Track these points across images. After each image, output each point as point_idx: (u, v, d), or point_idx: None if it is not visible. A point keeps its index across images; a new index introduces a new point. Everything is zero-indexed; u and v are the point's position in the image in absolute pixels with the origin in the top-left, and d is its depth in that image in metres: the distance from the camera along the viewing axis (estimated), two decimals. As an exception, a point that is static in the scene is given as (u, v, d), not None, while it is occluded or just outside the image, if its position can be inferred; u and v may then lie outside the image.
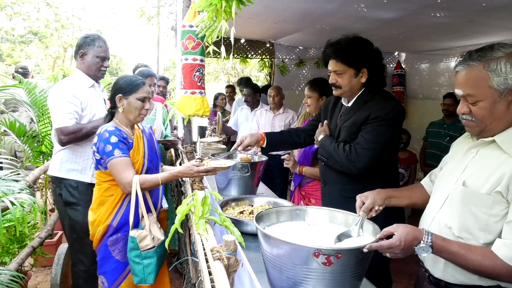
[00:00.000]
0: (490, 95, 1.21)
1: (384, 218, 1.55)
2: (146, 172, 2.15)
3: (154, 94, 3.71)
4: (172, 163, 3.76)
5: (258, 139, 2.39)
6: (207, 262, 1.18)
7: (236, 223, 1.75)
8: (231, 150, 2.46)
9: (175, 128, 4.61)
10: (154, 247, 2.01)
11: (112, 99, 2.14)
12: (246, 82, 5.95)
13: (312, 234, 1.46)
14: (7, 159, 2.95)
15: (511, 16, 3.38)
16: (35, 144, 3.96)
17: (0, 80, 6.59)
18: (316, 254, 1.13)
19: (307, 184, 2.86)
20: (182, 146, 3.45)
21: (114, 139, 2.01)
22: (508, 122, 1.24)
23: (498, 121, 1.24)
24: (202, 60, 3.11)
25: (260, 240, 1.31)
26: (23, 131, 3.87)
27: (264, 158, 2.66)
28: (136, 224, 2.05)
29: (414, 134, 4.65)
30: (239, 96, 5.98)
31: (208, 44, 2.36)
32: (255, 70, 10.42)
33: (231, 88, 6.96)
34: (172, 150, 4.04)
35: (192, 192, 2.08)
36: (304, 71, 6.65)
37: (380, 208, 1.56)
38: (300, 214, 1.58)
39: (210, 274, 1.13)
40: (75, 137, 2.46)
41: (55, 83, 3.43)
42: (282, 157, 2.90)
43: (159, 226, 2.15)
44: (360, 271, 1.24)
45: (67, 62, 17.58)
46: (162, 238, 2.09)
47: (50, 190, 4.24)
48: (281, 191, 4.38)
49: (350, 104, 2.10)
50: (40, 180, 4.00)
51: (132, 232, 1.99)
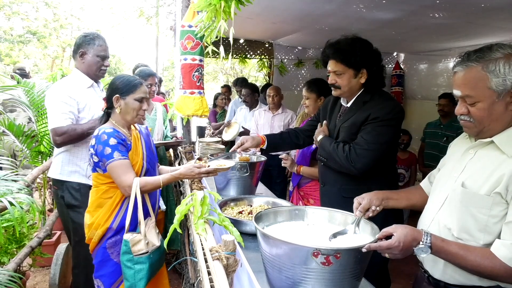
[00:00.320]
0: (488, 96, 1.21)
1: (383, 218, 1.55)
2: (145, 174, 2.11)
3: (155, 94, 3.69)
4: (171, 164, 3.75)
5: (258, 143, 2.39)
6: (206, 262, 1.18)
7: (235, 223, 1.75)
8: (230, 151, 2.46)
9: (175, 128, 4.60)
10: (147, 252, 1.95)
11: (108, 99, 2.09)
12: (242, 82, 5.95)
13: (311, 234, 1.46)
14: (7, 160, 2.93)
15: (510, 17, 3.39)
16: (34, 144, 3.95)
17: (-1, 80, 6.58)
18: (315, 254, 1.13)
19: (306, 184, 2.86)
20: (181, 146, 3.45)
21: (113, 141, 1.95)
22: (506, 123, 1.25)
23: (496, 122, 1.24)
24: (201, 60, 3.11)
25: (259, 240, 1.31)
26: (21, 132, 3.86)
27: (263, 158, 2.66)
28: (135, 228, 2.01)
29: (413, 135, 4.65)
30: (236, 97, 5.97)
31: (207, 44, 2.36)
32: (254, 70, 10.43)
33: (226, 88, 6.96)
34: (171, 150, 4.04)
35: (191, 192, 2.08)
36: (303, 71, 6.65)
37: (377, 208, 1.56)
38: (299, 214, 1.58)
39: (209, 274, 1.13)
40: (70, 138, 2.40)
41: (54, 83, 3.41)
42: (280, 156, 2.91)
43: (157, 231, 2.09)
44: (359, 271, 1.24)
45: (65, 62, 17.57)
46: (158, 244, 2.02)
47: (50, 192, 4.24)
48: (280, 191, 4.38)
49: (349, 105, 2.10)
50: (38, 180, 4.00)
51: (126, 235, 1.94)
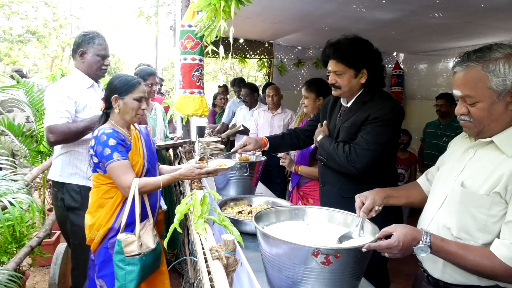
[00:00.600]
0: (488, 96, 1.21)
1: (383, 218, 1.55)
2: (146, 173, 2.11)
3: (155, 94, 3.68)
4: (170, 163, 3.75)
5: (261, 145, 2.40)
6: (206, 261, 1.18)
7: (235, 222, 1.75)
8: (232, 151, 2.46)
9: (175, 129, 4.58)
10: (139, 254, 1.92)
11: (107, 99, 2.08)
12: (240, 82, 5.94)
13: (311, 234, 1.47)
14: (7, 160, 2.93)
15: (509, 17, 3.39)
16: (33, 144, 3.95)
17: (-2, 79, 6.58)
18: (315, 253, 1.13)
19: (305, 184, 2.86)
20: (186, 145, 3.42)
21: (112, 141, 1.95)
22: (506, 123, 1.25)
23: (496, 122, 1.24)
24: (201, 60, 3.11)
25: (259, 240, 1.31)
26: (21, 131, 3.86)
27: (263, 158, 2.66)
28: (132, 229, 1.99)
29: (412, 135, 4.65)
30: (234, 97, 5.97)
31: (207, 44, 2.36)
32: (254, 70, 10.43)
33: (223, 88, 6.96)
34: (170, 150, 4.03)
35: (191, 191, 2.08)
36: (302, 71, 6.65)
37: (380, 208, 1.56)
38: (299, 214, 1.58)
39: (209, 273, 1.12)
40: (64, 136, 2.35)
41: (53, 83, 3.40)
42: (279, 155, 2.91)
43: (155, 233, 2.07)
44: (359, 271, 1.24)
45: (65, 61, 17.56)
46: (152, 247, 2.00)
47: (50, 192, 4.24)
48: (280, 191, 4.38)
49: (349, 105, 2.10)
50: (38, 180, 3.99)
51: (120, 236, 1.93)
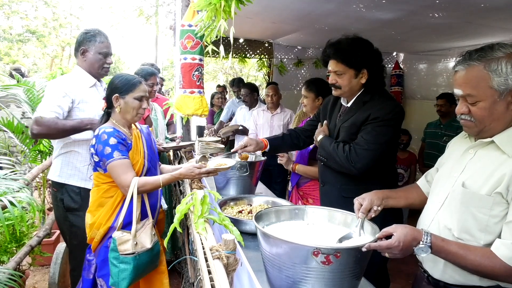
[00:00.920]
0: (490, 96, 1.21)
1: (383, 218, 1.55)
2: (147, 173, 2.11)
3: (156, 94, 3.66)
4: (170, 163, 3.75)
5: (261, 147, 2.40)
6: (207, 261, 1.18)
7: (235, 222, 1.76)
8: (232, 151, 2.46)
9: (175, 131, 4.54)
10: (133, 253, 1.92)
11: (108, 99, 2.08)
12: (239, 82, 5.92)
13: (311, 234, 1.47)
14: (9, 159, 2.92)
15: (509, 17, 3.39)
16: (32, 144, 3.95)
17: (-2, 78, 6.57)
18: (315, 253, 1.14)
19: (305, 184, 2.86)
20: (191, 148, 3.39)
21: (113, 140, 1.95)
22: (506, 123, 1.24)
23: (497, 121, 1.24)
24: (201, 60, 3.11)
25: (259, 239, 1.32)
26: (21, 129, 3.85)
27: (263, 158, 2.66)
28: (131, 227, 1.98)
29: (412, 135, 4.66)
30: (233, 97, 5.97)
31: (207, 44, 2.36)
32: (254, 69, 10.43)
33: (222, 88, 6.96)
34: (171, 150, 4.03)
35: (191, 191, 2.08)
36: (302, 71, 6.65)
37: (379, 208, 1.56)
38: (299, 214, 1.58)
39: (210, 273, 1.13)
40: (48, 130, 2.28)
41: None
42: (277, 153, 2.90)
43: (154, 232, 2.07)
44: (359, 271, 1.24)
45: (65, 61, 17.56)
46: (148, 246, 1.98)
47: (49, 192, 4.23)
48: (280, 191, 4.38)
49: (349, 105, 2.10)
50: (37, 179, 3.99)
51: (116, 233, 1.93)
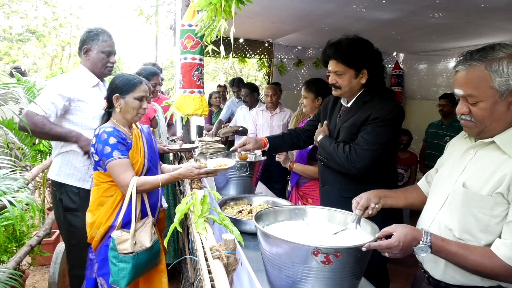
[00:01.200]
0: (491, 96, 1.21)
1: (383, 218, 1.56)
2: (147, 172, 2.11)
3: (158, 94, 3.65)
4: (171, 163, 3.75)
5: (260, 145, 2.40)
6: (207, 260, 1.18)
7: (235, 222, 1.76)
8: (231, 149, 2.46)
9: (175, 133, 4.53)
10: (132, 252, 1.92)
11: (108, 98, 2.10)
12: (239, 82, 5.91)
13: (311, 233, 1.47)
14: (10, 159, 2.90)
15: (509, 17, 3.39)
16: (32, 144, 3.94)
17: (-2, 78, 6.56)
18: (315, 252, 1.14)
19: (305, 184, 2.86)
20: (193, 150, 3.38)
21: (112, 140, 1.96)
22: (507, 123, 1.24)
23: (498, 122, 1.24)
24: (201, 59, 3.11)
25: (260, 239, 1.32)
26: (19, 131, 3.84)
27: (263, 158, 2.67)
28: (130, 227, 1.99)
29: (412, 135, 4.66)
30: (233, 97, 5.97)
31: (207, 43, 2.36)
32: (254, 69, 10.43)
33: (223, 88, 6.95)
34: None
35: (191, 191, 2.08)
36: (302, 71, 6.66)
37: (377, 206, 1.56)
38: (299, 214, 1.58)
39: (210, 272, 1.13)
40: (33, 127, 2.23)
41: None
42: None
43: (154, 231, 2.07)
44: (359, 270, 1.24)
45: (64, 60, 17.56)
46: (147, 245, 1.99)
47: (49, 191, 4.23)
48: (280, 190, 4.39)
49: (349, 105, 2.10)
50: (37, 179, 3.99)
51: (115, 233, 1.94)
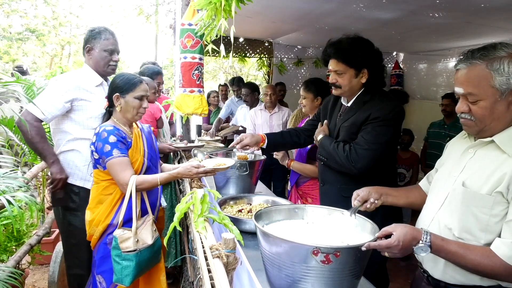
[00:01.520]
0: (491, 95, 1.21)
1: (382, 218, 1.56)
2: (146, 171, 2.12)
3: (161, 93, 3.64)
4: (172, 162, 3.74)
5: (258, 141, 2.37)
6: (206, 260, 1.18)
7: (235, 221, 1.76)
8: (229, 146, 2.46)
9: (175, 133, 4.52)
10: (135, 250, 1.94)
11: (109, 98, 2.11)
12: (239, 82, 5.91)
13: (311, 233, 1.47)
14: (11, 158, 2.90)
15: (509, 17, 3.40)
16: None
17: (-2, 77, 6.56)
18: (315, 252, 1.14)
19: (304, 183, 2.87)
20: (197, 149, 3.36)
21: (112, 138, 1.98)
22: (507, 122, 1.24)
23: (498, 121, 1.24)
24: (201, 59, 3.11)
25: (259, 238, 1.32)
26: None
27: (263, 157, 2.67)
28: (131, 225, 2.00)
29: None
30: (233, 96, 5.96)
31: (207, 43, 2.36)
32: (253, 69, 10.44)
33: (225, 87, 6.95)
34: None
35: (190, 190, 2.08)
36: (302, 71, 6.66)
37: (376, 202, 1.56)
38: (298, 213, 1.58)
39: (209, 272, 1.13)
40: (24, 129, 2.25)
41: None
42: None
43: (155, 229, 2.09)
44: (359, 270, 1.24)
45: (64, 60, 17.54)
46: (149, 243, 2.01)
47: (48, 190, 4.22)
48: (282, 189, 4.39)
49: (349, 104, 2.10)
50: (37, 178, 3.99)
51: (117, 232, 1.95)
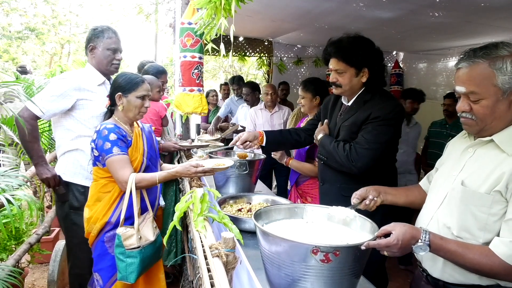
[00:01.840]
0: (493, 94, 1.20)
1: (382, 217, 1.56)
2: (145, 170, 2.13)
3: (164, 92, 3.63)
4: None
5: (256, 135, 2.38)
6: (206, 259, 1.18)
7: (235, 220, 1.76)
8: (230, 144, 2.45)
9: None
10: (139, 247, 1.96)
11: (111, 97, 2.12)
12: (239, 80, 5.91)
13: (310, 232, 1.47)
14: (13, 158, 2.89)
15: (509, 16, 3.40)
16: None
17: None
18: (314, 251, 1.14)
19: (303, 182, 2.87)
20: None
21: (113, 136, 1.99)
22: (507, 122, 1.24)
23: (499, 120, 1.23)
24: (200, 58, 3.11)
25: (259, 238, 1.32)
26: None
27: (262, 157, 2.67)
28: (132, 222, 2.02)
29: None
30: (232, 95, 5.96)
31: (206, 42, 2.36)
32: (253, 68, 10.44)
33: (227, 86, 6.93)
34: None
35: (190, 189, 2.09)
36: (302, 70, 6.66)
37: (375, 199, 1.57)
38: (298, 212, 1.58)
39: (209, 271, 1.13)
40: (19, 126, 2.24)
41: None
42: None
43: (155, 225, 2.11)
44: (358, 269, 1.24)
45: (64, 58, 17.51)
46: (152, 239, 2.03)
47: (48, 189, 4.22)
48: (284, 188, 4.38)
49: (350, 103, 2.10)
50: (37, 177, 3.98)
51: (119, 230, 1.97)
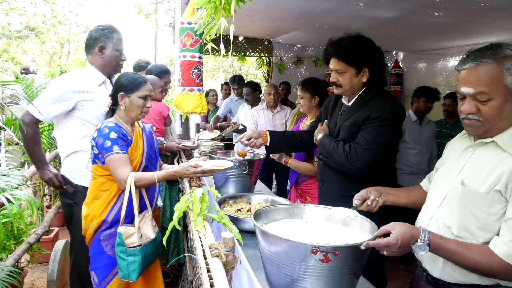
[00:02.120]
0: (502, 94, 1.19)
1: (381, 217, 1.56)
2: (144, 170, 2.13)
3: (167, 92, 3.61)
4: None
5: (260, 133, 2.37)
6: (206, 259, 1.18)
7: (234, 220, 1.76)
8: (234, 142, 2.44)
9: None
10: (140, 245, 1.98)
11: (113, 96, 2.13)
12: (240, 80, 5.91)
13: (310, 232, 1.47)
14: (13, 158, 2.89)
15: (509, 16, 3.40)
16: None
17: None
18: (314, 251, 1.14)
19: (303, 182, 2.87)
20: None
21: (113, 135, 2.00)
22: (510, 123, 1.24)
23: (505, 121, 1.23)
24: (200, 57, 3.11)
25: (258, 238, 1.32)
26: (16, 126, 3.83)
27: (262, 156, 2.66)
28: (131, 221, 2.04)
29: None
30: (232, 94, 5.95)
31: (206, 41, 2.36)
32: (253, 68, 10.43)
33: (228, 86, 6.91)
34: None
35: (190, 189, 2.09)
36: (302, 70, 6.66)
37: (377, 199, 1.57)
38: (297, 212, 1.58)
39: (209, 271, 1.13)
40: (29, 129, 2.28)
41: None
42: None
43: (154, 223, 2.13)
44: (357, 269, 1.24)
45: (63, 58, 17.50)
46: (152, 237, 2.05)
47: (48, 188, 4.22)
48: (284, 190, 4.37)
49: (350, 103, 2.10)
50: (37, 176, 3.98)
51: (120, 228, 1.98)
